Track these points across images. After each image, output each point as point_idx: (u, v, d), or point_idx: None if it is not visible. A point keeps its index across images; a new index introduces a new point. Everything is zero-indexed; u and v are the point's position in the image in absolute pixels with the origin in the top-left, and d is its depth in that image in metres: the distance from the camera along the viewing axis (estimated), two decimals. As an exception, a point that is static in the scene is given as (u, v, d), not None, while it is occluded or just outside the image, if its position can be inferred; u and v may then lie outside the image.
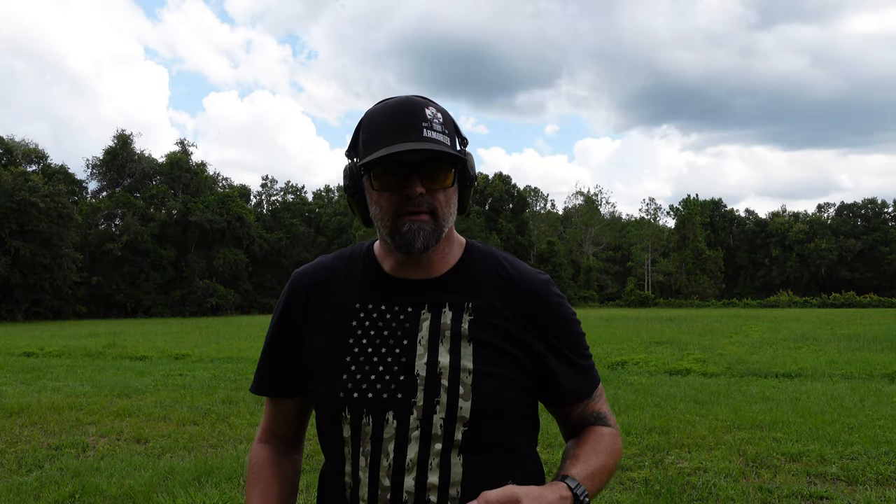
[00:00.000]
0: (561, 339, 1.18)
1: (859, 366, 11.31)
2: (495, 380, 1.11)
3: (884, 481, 4.96)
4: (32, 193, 40.15)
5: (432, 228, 1.11)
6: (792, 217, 76.04)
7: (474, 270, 1.19)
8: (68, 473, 5.28)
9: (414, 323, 1.15)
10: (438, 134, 1.09)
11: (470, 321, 1.14)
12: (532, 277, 1.19)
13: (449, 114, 1.16)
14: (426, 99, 1.14)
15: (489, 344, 1.13)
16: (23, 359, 14.51)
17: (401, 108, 1.10)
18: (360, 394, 1.12)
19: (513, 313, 1.15)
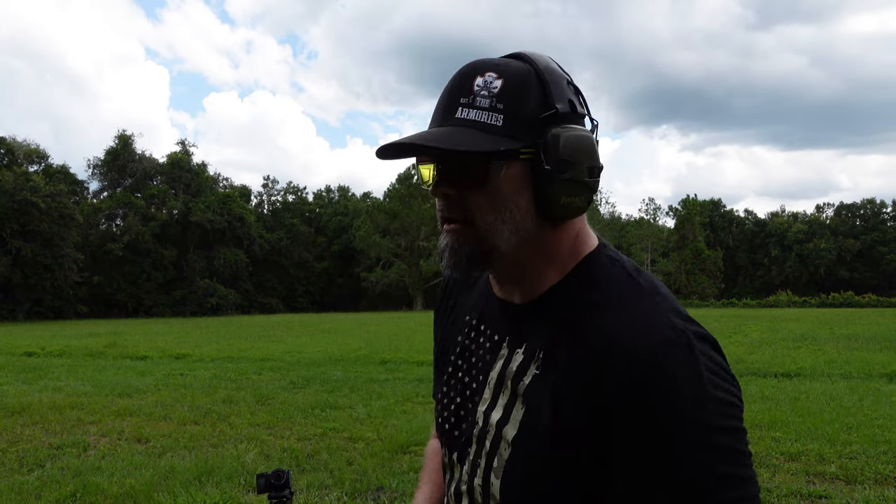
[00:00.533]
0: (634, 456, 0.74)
1: (858, 365, 11.33)
2: (529, 471, 0.82)
3: (882, 480, 4.98)
4: (34, 193, 40.17)
5: (468, 242, 0.83)
6: (791, 217, 76.02)
7: (569, 304, 0.85)
8: (69, 473, 5.30)
9: (492, 358, 0.92)
10: (481, 112, 0.80)
11: (533, 377, 0.84)
12: (632, 335, 0.77)
13: (532, 76, 0.82)
14: (506, 58, 0.85)
15: (540, 418, 0.82)
16: (24, 358, 14.53)
17: (451, 80, 0.84)
18: (443, 420, 0.99)
19: (587, 389, 0.78)
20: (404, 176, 59.63)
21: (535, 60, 0.84)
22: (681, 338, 0.76)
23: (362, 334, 20.86)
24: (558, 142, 0.81)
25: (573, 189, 0.82)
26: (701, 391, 0.73)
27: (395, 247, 57.02)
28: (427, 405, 8.25)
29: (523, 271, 0.88)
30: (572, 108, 0.84)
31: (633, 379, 0.74)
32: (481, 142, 0.79)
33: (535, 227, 0.84)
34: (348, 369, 11.79)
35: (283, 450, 6.00)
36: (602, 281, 0.85)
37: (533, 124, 0.81)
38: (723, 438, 0.73)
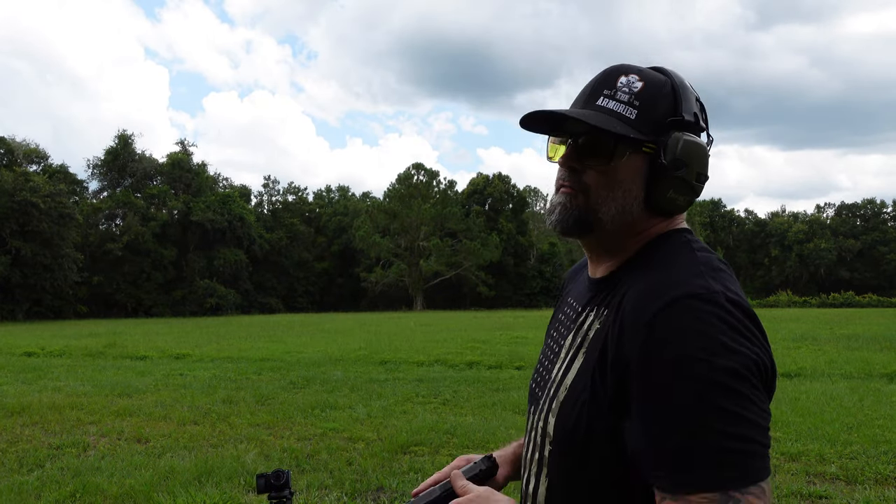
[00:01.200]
0: (642, 386, 0.85)
1: (858, 365, 11.33)
2: (577, 407, 0.94)
3: (882, 480, 4.98)
4: (33, 193, 40.17)
5: (578, 207, 0.97)
6: (791, 217, 76.04)
7: (633, 271, 0.98)
8: (69, 473, 5.30)
9: (573, 324, 1.05)
10: (619, 105, 0.95)
11: (595, 331, 0.97)
12: (658, 290, 0.88)
13: (669, 86, 0.98)
14: (649, 69, 1.01)
15: (590, 362, 0.94)
16: (24, 358, 14.53)
17: (599, 74, 1.00)
18: (532, 384, 1.14)
19: (620, 335, 0.90)
20: (404, 176, 59.64)
21: (673, 75, 1.00)
22: (708, 294, 0.85)
23: (362, 334, 20.86)
24: (678, 144, 0.95)
25: (680, 187, 0.97)
26: (713, 337, 0.81)
27: (395, 247, 57.01)
28: (427, 405, 8.25)
29: (614, 249, 1.01)
30: (696, 119, 0.99)
31: (651, 321, 0.85)
32: (616, 126, 0.93)
33: (639, 213, 0.98)
34: (348, 369, 11.78)
35: (283, 450, 6.00)
36: (664, 252, 0.97)
37: (660, 125, 0.96)
38: (728, 380, 0.80)
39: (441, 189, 60.81)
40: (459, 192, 62.46)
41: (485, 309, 52.87)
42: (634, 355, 0.85)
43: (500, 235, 57.71)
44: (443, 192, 60.35)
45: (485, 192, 61.94)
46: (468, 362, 12.47)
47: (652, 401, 0.83)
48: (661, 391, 0.82)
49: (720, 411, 0.79)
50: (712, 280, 0.88)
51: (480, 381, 10.17)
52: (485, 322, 28.06)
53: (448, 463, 1.25)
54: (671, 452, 0.80)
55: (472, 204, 60.86)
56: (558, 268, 59.15)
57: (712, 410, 0.79)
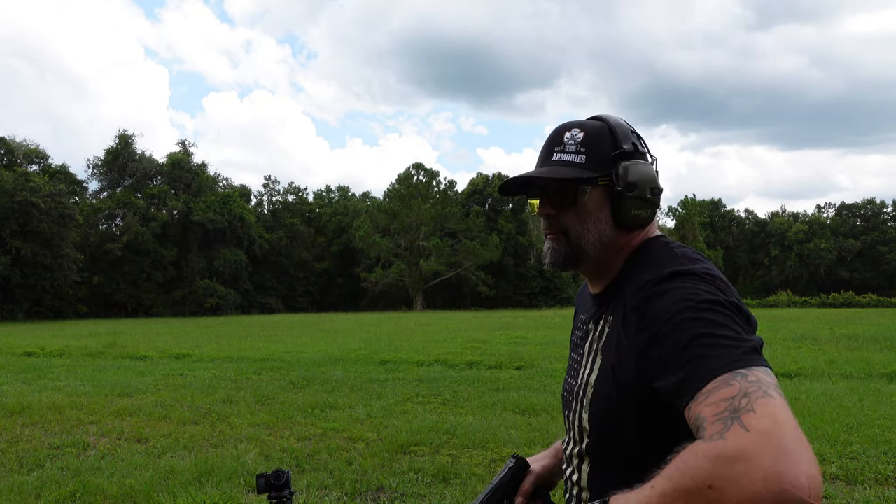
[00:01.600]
0: (653, 332, 1.00)
1: (858, 365, 11.32)
2: (603, 397, 1.12)
3: (883, 481, 4.98)
4: (33, 194, 40.17)
5: (565, 247, 1.18)
6: (791, 217, 76.03)
7: (626, 279, 1.16)
8: (69, 473, 5.30)
9: (585, 335, 1.24)
10: (570, 154, 1.16)
11: (607, 334, 1.15)
12: (646, 279, 1.07)
13: (606, 128, 1.18)
14: (588, 120, 1.21)
15: (606, 359, 1.13)
16: (24, 358, 14.53)
17: (547, 138, 1.20)
18: (563, 391, 1.31)
19: (625, 325, 1.08)
20: (404, 176, 59.63)
21: (607, 119, 1.20)
22: (688, 270, 1.05)
23: (362, 334, 20.86)
24: (627, 171, 1.14)
25: (639, 204, 1.15)
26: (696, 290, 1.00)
27: (394, 247, 57.00)
28: (426, 405, 8.25)
29: (605, 267, 1.20)
30: (635, 148, 1.18)
31: (639, 298, 1.05)
32: (571, 173, 1.14)
33: (614, 234, 1.17)
34: (348, 369, 11.78)
35: (283, 450, 6.00)
36: (648, 256, 1.15)
37: (607, 160, 1.15)
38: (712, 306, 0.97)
39: (441, 189, 60.81)
40: (459, 192, 62.45)
41: (485, 309, 52.85)
42: (639, 327, 1.03)
43: (500, 235, 57.71)
44: (443, 192, 60.35)
45: (485, 192, 61.92)
46: (468, 362, 12.47)
47: (662, 346, 0.97)
48: (666, 336, 0.97)
49: (711, 323, 0.95)
50: (690, 264, 1.07)
51: (480, 381, 10.17)
52: (485, 322, 28.06)
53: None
54: (685, 367, 0.93)
55: (472, 204, 60.87)
56: (558, 268, 59.07)
57: (706, 324, 0.95)
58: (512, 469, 1.34)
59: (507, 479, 1.33)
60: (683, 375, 0.92)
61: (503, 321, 28.45)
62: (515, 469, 1.34)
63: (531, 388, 9.48)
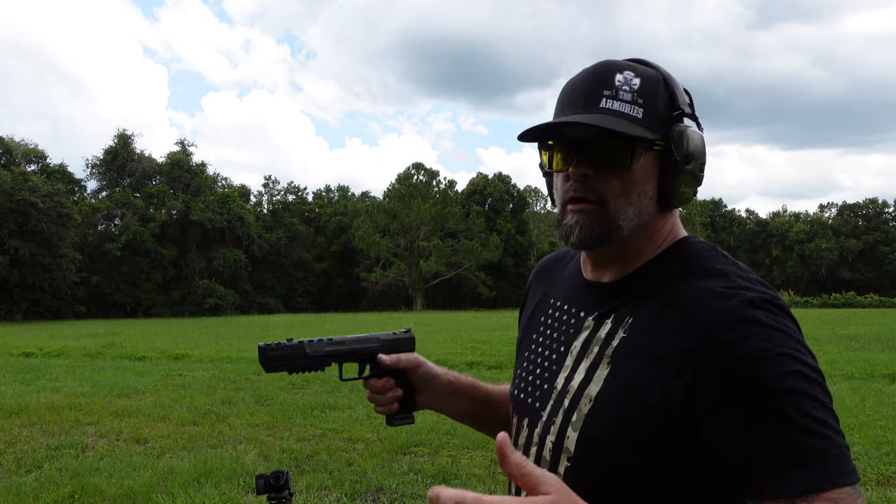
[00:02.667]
0: (734, 394, 0.79)
1: (860, 366, 11.31)
2: (615, 422, 0.88)
3: (885, 481, 4.96)
4: (32, 193, 40.15)
5: (598, 221, 0.92)
6: (792, 217, 76.06)
7: (661, 276, 0.94)
8: (67, 474, 5.28)
9: (576, 330, 1.00)
10: (624, 104, 0.90)
11: (621, 339, 0.92)
12: (712, 298, 0.85)
13: (661, 79, 0.95)
14: (633, 62, 0.96)
15: (628, 373, 0.89)
16: (22, 359, 14.50)
17: (586, 75, 0.94)
18: (517, 391, 1.08)
19: (677, 345, 0.85)
20: (404, 176, 59.65)
21: (660, 68, 0.97)
22: (775, 300, 0.85)
23: (362, 334, 20.83)
24: (686, 137, 0.93)
25: (691, 180, 0.95)
26: (796, 338, 0.82)
27: (394, 247, 57.01)
28: (427, 405, 8.23)
29: (627, 250, 0.97)
30: (692, 110, 0.97)
31: (716, 332, 0.82)
32: (631, 129, 0.89)
33: (653, 212, 0.95)
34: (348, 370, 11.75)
35: (283, 451, 5.98)
36: (697, 258, 0.94)
37: (664, 120, 0.93)
38: (820, 378, 0.81)
39: (441, 189, 60.82)
40: (459, 192, 62.46)
41: (485, 309, 52.85)
42: (716, 362, 0.80)
43: (499, 236, 57.72)
44: (443, 192, 60.36)
45: (485, 192, 61.96)
46: (468, 362, 12.45)
47: (760, 400, 0.78)
48: (766, 392, 0.78)
49: (826, 408, 0.79)
50: (765, 287, 0.88)
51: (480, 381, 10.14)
52: (485, 322, 28.05)
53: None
54: (795, 451, 0.76)
55: (472, 204, 60.87)
56: (558, 268, 59.13)
57: (821, 407, 0.79)
58: (397, 336, 1.21)
59: (386, 338, 1.20)
60: (795, 462, 0.75)
61: (503, 321, 28.45)
62: (401, 338, 1.21)
63: (531, 388, 9.47)
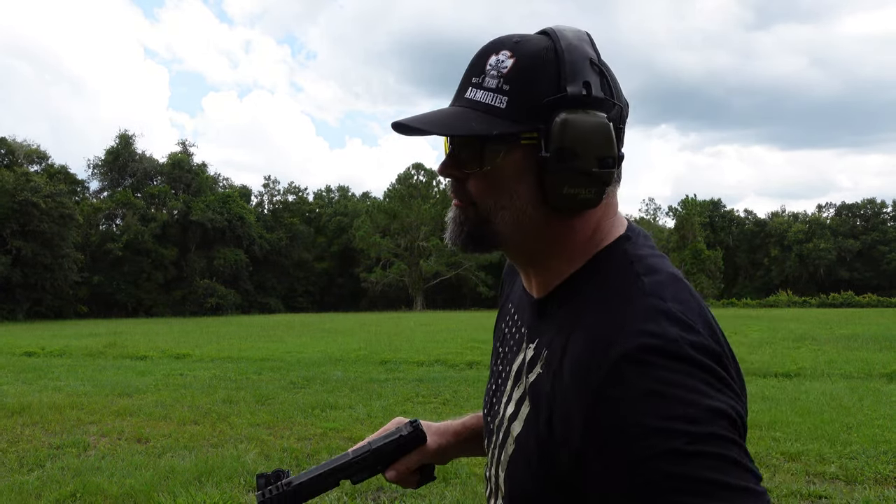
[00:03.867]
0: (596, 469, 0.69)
1: (858, 365, 11.33)
2: (525, 473, 0.81)
3: (882, 480, 4.98)
4: (34, 194, 40.17)
5: (468, 220, 0.83)
6: (791, 217, 76.00)
7: (575, 300, 0.82)
8: (69, 473, 5.30)
9: (517, 348, 0.91)
10: (486, 93, 0.79)
11: (538, 375, 0.82)
12: (586, 349, 0.73)
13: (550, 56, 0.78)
14: (525, 38, 0.81)
15: (538, 419, 0.80)
16: (24, 358, 14.53)
17: (472, 58, 0.84)
18: (485, 409, 1.02)
19: (570, 391, 0.74)
20: (404, 176, 59.64)
21: (560, 37, 0.79)
22: (662, 345, 0.69)
23: (362, 334, 20.87)
24: (561, 128, 0.76)
25: (576, 180, 0.77)
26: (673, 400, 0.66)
27: (395, 247, 57.01)
28: (427, 405, 8.26)
29: (534, 263, 0.86)
30: (587, 90, 0.77)
31: (601, 386, 0.69)
32: (477, 125, 0.78)
33: (540, 216, 0.81)
34: (348, 369, 11.78)
35: (283, 450, 6.00)
36: (605, 279, 0.80)
37: (539, 108, 0.77)
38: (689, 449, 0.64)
39: (441, 189, 60.79)
40: (459, 192, 62.46)
41: (485, 309, 52.85)
42: (581, 431, 0.70)
43: (500, 235, 57.69)
44: (443, 192, 60.28)
45: (485, 192, 61.95)
46: (468, 362, 12.47)
47: (610, 489, 0.68)
48: (620, 478, 0.66)
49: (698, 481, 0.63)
50: (666, 320, 0.71)
51: (480, 381, 10.17)
52: (485, 322, 28.05)
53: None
54: None
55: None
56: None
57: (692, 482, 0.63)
58: (404, 438, 1.10)
59: (391, 447, 1.10)
60: None
61: (503, 321, 28.40)
62: (408, 439, 1.10)
63: (531, 388, 9.49)
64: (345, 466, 1.09)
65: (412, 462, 1.10)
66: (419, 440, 1.11)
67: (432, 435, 1.13)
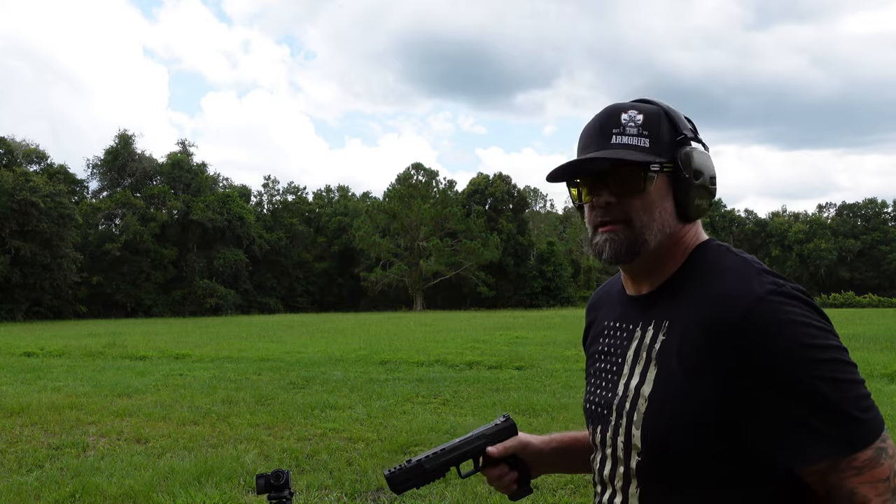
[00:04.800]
0: (777, 383, 0.93)
1: (859, 365, 11.26)
2: (667, 415, 1.01)
3: (883, 481, 4.96)
4: (33, 194, 40.18)
5: (626, 238, 1.06)
6: (791, 217, 76.05)
7: (686, 282, 1.08)
8: (68, 473, 5.29)
9: (628, 341, 1.13)
10: (632, 138, 1.05)
11: (661, 342, 1.05)
12: (736, 293, 0.98)
13: (662, 112, 1.09)
14: (637, 102, 1.10)
15: (671, 372, 1.02)
16: (23, 359, 14.52)
17: (597, 119, 1.10)
18: (590, 405, 1.19)
19: (708, 340, 0.98)
20: (403, 176, 59.64)
21: (660, 103, 1.11)
22: (778, 288, 0.97)
23: (362, 334, 20.86)
24: (691, 157, 1.07)
25: (703, 194, 1.08)
26: (800, 324, 0.94)
27: (394, 247, 57.01)
28: (427, 405, 8.25)
29: (658, 262, 1.10)
30: (694, 133, 1.11)
31: (745, 323, 0.94)
32: (639, 156, 1.04)
33: (675, 225, 1.08)
34: (348, 369, 11.77)
35: (283, 450, 5.99)
36: (712, 259, 1.07)
37: (670, 145, 1.07)
38: (842, 354, 0.95)
39: (441, 189, 60.80)
40: (459, 191, 62.42)
41: (485, 309, 52.87)
42: (741, 355, 0.94)
43: (500, 235, 57.68)
44: (442, 192, 60.34)
45: (485, 192, 61.90)
46: (468, 362, 12.46)
47: (791, 387, 0.92)
48: (798, 377, 0.92)
49: (851, 382, 0.95)
50: (770, 275, 1.00)
51: (480, 381, 10.16)
52: (485, 322, 28.06)
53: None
54: (832, 422, 0.92)
55: (473, 204, 60.81)
56: (558, 267, 59.14)
57: (847, 380, 0.94)
58: (499, 426, 1.29)
59: (491, 431, 1.28)
60: (835, 431, 0.93)
61: (503, 321, 28.45)
62: (503, 427, 1.29)
63: (531, 388, 9.48)
64: (452, 451, 1.27)
65: (506, 447, 1.28)
66: (511, 430, 1.29)
67: (529, 437, 1.31)
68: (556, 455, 1.33)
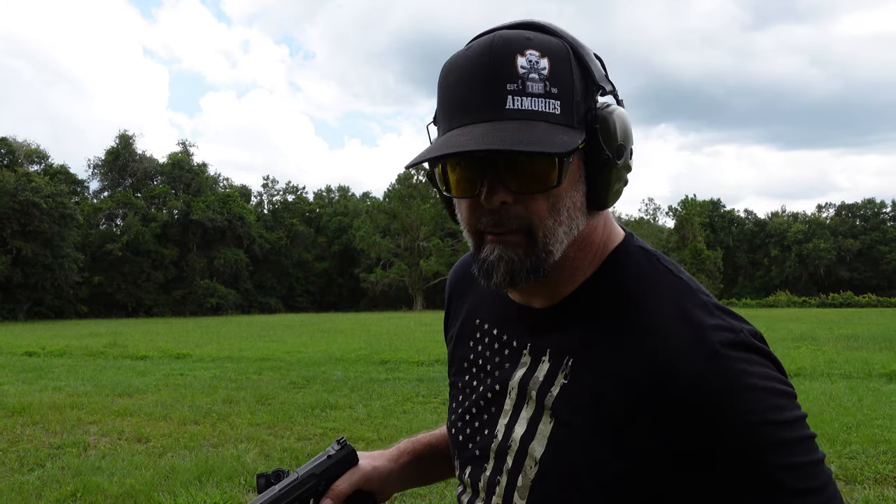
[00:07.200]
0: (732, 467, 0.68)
1: (858, 365, 11.33)
2: (567, 490, 0.74)
3: (882, 480, 4.99)
4: (35, 194, 40.21)
5: (526, 254, 0.72)
6: (791, 217, 76.02)
7: (599, 304, 0.77)
8: (70, 472, 5.31)
9: (511, 367, 0.84)
10: (537, 100, 0.68)
11: (562, 387, 0.76)
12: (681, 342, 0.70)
13: (568, 50, 0.71)
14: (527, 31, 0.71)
15: (574, 433, 0.74)
16: (24, 358, 14.53)
17: (480, 59, 0.69)
18: (456, 431, 0.94)
19: (640, 403, 0.71)
20: (404, 176, 59.64)
21: (563, 33, 0.73)
22: (735, 337, 0.70)
23: (362, 334, 20.87)
24: (614, 125, 0.71)
25: (623, 174, 0.74)
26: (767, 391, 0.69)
27: (395, 247, 57.02)
28: (426, 405, 8.26)
29: (560, 270, 0.77)
30: (613, 85, 0.74)
31: (696, 390, 0.68)
32: (557, 137, 0.67)
33: (582, 222, 0.75)
34: (348, 369, 11.79)
35: (284, 450, 6.01)
36: (635, 273, 0.77)
37: (582, 106, 0.71)
38: (794, 432, 0.69)
39: (441, 189, 60.78)
40: (459, 192, 62.38)
41: (485, 309, 52.78)
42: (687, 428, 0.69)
43: (500, 235, 57.64)
44: (443, 192, 60.33)
45: (485, 192, 61.86)
46: (468, 362, 12.46)
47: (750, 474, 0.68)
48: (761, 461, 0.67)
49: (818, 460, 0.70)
50: (720, 312, 0.73)
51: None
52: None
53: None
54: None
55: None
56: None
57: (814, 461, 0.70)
58: (332, 458, 0.98)
59: (322, 467, 0.96)
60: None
61: (503, 321, 28.39)
62: (337, 460, 0.97)
63: (531, 387, 9.49)
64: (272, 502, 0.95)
65: (345, 486, 0.95)
66: (349, 459, 0.98)
67: (364, 458, 1.00)
68: (410, 470, 1.06)
